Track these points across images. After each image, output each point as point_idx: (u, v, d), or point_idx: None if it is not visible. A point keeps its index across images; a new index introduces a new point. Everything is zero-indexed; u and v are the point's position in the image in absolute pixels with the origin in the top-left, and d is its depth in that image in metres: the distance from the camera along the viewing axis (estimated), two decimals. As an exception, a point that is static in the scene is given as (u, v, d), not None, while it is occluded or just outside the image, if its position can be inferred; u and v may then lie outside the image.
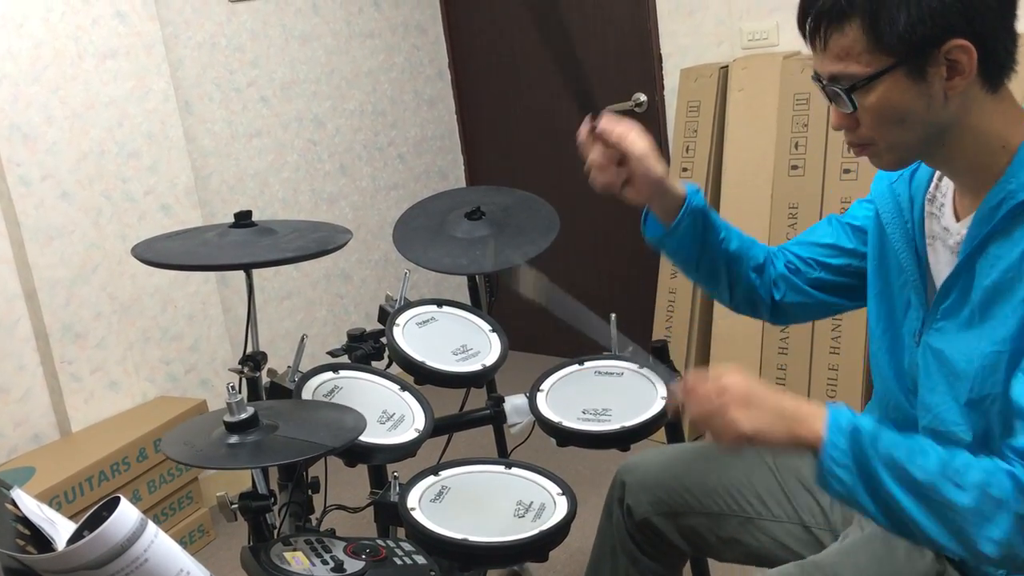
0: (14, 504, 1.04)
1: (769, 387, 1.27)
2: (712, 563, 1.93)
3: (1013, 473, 1.15)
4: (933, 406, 1.32)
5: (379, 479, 2.12)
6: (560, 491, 1.77)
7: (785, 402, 1.25)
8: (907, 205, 1.38)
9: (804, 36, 1.26)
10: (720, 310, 3.15)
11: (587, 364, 2.10)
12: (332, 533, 1.66)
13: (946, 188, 1.35)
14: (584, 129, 1.48)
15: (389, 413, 1.93)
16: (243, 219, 1.96)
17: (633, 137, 1.46)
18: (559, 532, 1.67)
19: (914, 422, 1.39)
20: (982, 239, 1.24)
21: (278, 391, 2.01)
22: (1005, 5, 1.19)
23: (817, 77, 1.26)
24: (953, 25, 1.15)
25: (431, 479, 1.81)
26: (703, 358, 3.21)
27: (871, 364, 1.48)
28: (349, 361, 2.13)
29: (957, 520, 1.16)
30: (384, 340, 2.10)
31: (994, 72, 1.20)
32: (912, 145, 1.25)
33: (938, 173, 1.37)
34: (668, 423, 2.05)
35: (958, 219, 1.31)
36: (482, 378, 2.06)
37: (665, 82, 3.45)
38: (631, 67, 3.57)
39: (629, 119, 1.50)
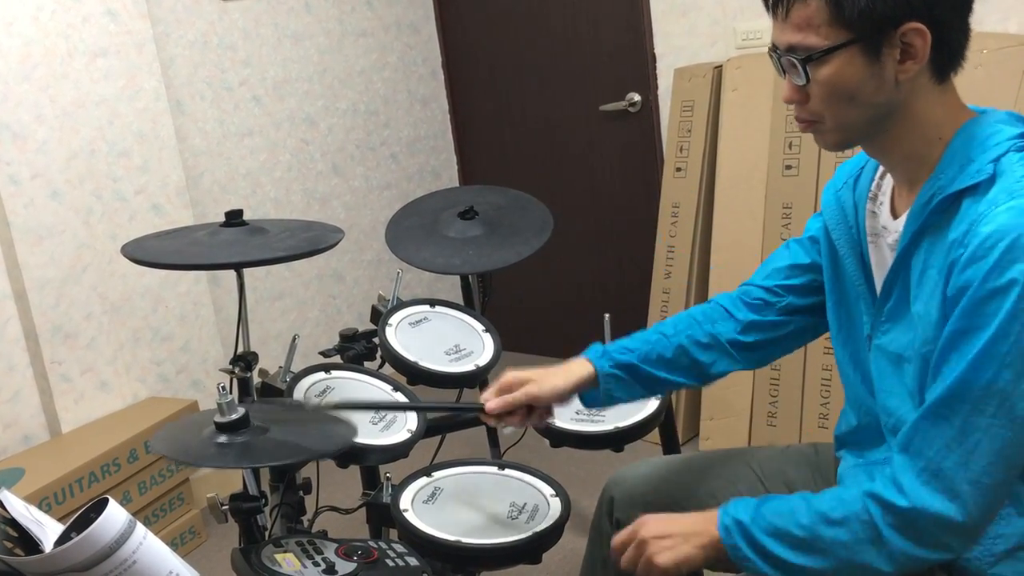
0: (2, 506, 1.03)
1: (677, 517, 1.37)
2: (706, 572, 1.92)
3: (873, 492, 1.21)
4: (893, 409, 1.34)
5: (372, 480, 2.11)
6: (553, 492, 1.76)
7: (687, 524, 1.34)
8: (851, 210, 1.40)
9: (767, 5, 1.27)
10: (714, 310, 3.14)
11: (581, 364, 2.09)
12: (324, 534, 1.65)
13: (886, 186, 1.37)
14: (490, 421, 1.58)
15: (381, 414, 1.92)
16: (234, 218, 1.94)
17: (513, 394, 1.54)
18: (552, 533, 1.66)
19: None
20: (914, 235, 1.26)
21: (270, 391, 2.00)
22: None
23: (774, 48, 1.27)
24: (913, 8, 1.18)
25: (424, 480, 1.80)
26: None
27: (839, 372, 1.50)
28: (341, 361, 2.12)
29: (848, 554, 1.22)
30: (377, 340, 2.10)
31: (944, 62, 1.23)
32: (857, 125, 1.27)
33: (879, 171, 1.38)
34: (662, 424, 2.04)
35: (895, 216, 1.32)
36: (475, 378, 2.05)
37: (659, 82, 3.45)
38: (625, 67, 3.56)
39: (503, 377, 1.57)
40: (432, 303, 2.21)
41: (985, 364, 1.13)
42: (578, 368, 1.55)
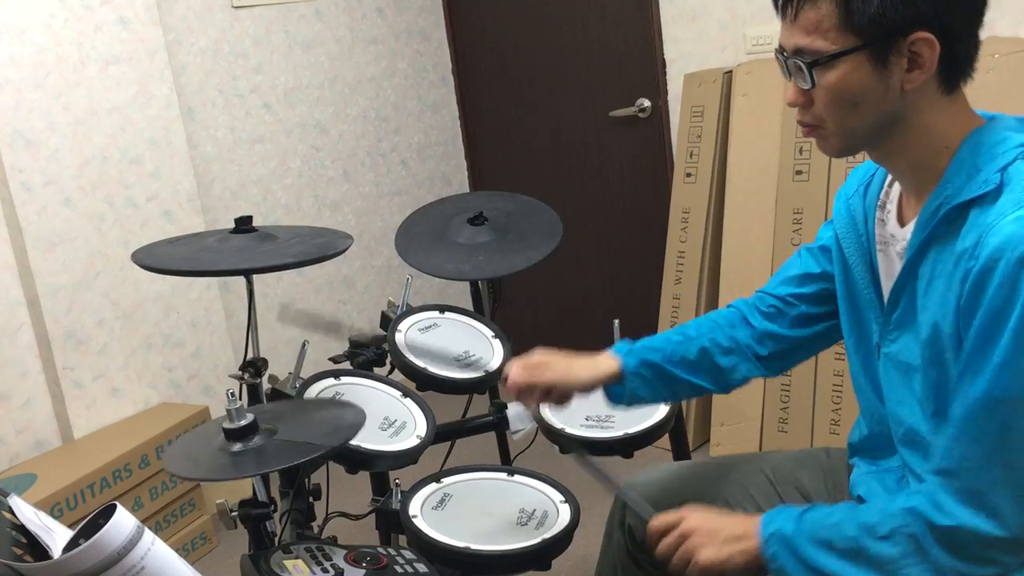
0: (11, 512, 1.04)
1: (723, 517, 1.39)
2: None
3: (914, 509, 1.21)
4: (904, 418, 1.33)
5: (381, 486, 2.11)
6: (563, 499, 1.76)
7: (733, 527, 1.35)
8: (861, 218, 1.39)
9: (776, 5, 1.26)
10: (724, 316, 3.13)
11: (590, 370, 2.09)
12: (333, 541, 1.65)
13: (895, 194, 1.36)
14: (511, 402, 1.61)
15: (391, 420, 1.92)
16: (243, 225, 1.95)
17: (538, 374, 1.57)
18: (562, 540, 1.66)
19: None
20: (920, 245, 1.25)
21: (279, 397, 2.00)
22: (975, 9, 1.21)
23: (780, 50, 1.27)
24: (923, 16, 1.17)
25: (433, 486, 1.80)
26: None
27: (852, 380, 1.49)
28: (351, 367, 2.12)
29: (895, 568, 1.21)
30: (386, 346, 2.10)
31: (952, 73, 1.22)
32: (860, 132, 1.26)
33: (888, 179, 1.37)
34: (672, 430, 2.04)
35: (903, 224, 1.32)
36: (484, 384, 2.05)
37: (669, 87, 3.45)
38: (635, 73, 3.56)
39: (532, 355, 1.59)
40: (442, 309, 2.21)
41: (1008, 378, 1.13)
42: (605, 363, 1.57)
